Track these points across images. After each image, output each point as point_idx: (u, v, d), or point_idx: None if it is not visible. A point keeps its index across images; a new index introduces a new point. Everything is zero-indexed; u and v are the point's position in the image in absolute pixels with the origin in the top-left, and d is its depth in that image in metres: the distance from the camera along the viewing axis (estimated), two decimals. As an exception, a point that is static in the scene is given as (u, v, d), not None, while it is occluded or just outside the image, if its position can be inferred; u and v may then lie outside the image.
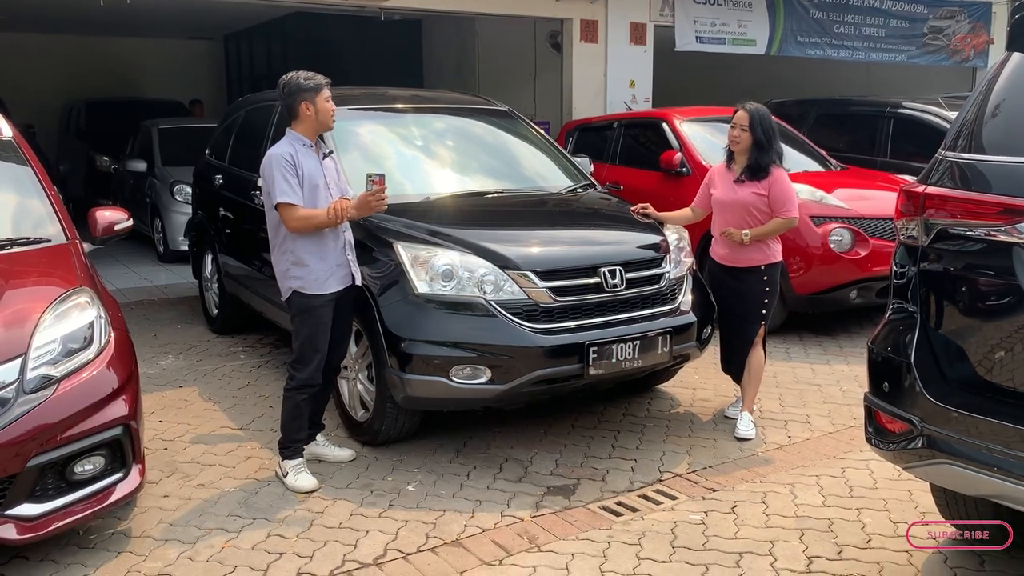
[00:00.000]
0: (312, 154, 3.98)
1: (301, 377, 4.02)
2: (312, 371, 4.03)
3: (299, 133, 3.98)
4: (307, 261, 3.95)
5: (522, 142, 5.99)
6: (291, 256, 3.97)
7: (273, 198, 3.88)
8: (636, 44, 10.57)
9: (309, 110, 3.94)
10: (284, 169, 3.85)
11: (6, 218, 4.14)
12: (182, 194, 9.51)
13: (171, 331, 6.90)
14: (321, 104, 3.95)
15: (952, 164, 2.91)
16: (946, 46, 12.64)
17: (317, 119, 3.96)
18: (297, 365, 4.03)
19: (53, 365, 3.27)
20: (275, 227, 4.02)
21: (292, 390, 4.05)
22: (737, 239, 4.51)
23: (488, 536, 3.58)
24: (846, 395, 5.30)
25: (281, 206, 3.86)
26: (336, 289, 4.03)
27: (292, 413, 4.06)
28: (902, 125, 8.61)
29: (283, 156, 3.88)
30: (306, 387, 4.04)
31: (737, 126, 4.56)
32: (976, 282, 2.80)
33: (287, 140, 3.98)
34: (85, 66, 15.94)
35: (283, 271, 4.03)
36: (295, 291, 3.99)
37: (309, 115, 3.94)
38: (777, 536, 3.57)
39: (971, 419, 2.68)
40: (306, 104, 3.93)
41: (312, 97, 3.93)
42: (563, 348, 4.11)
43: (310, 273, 3.96)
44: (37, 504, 3.20)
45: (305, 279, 3.96)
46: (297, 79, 3.96)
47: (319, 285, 3.97)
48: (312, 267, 3.95)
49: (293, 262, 3.97)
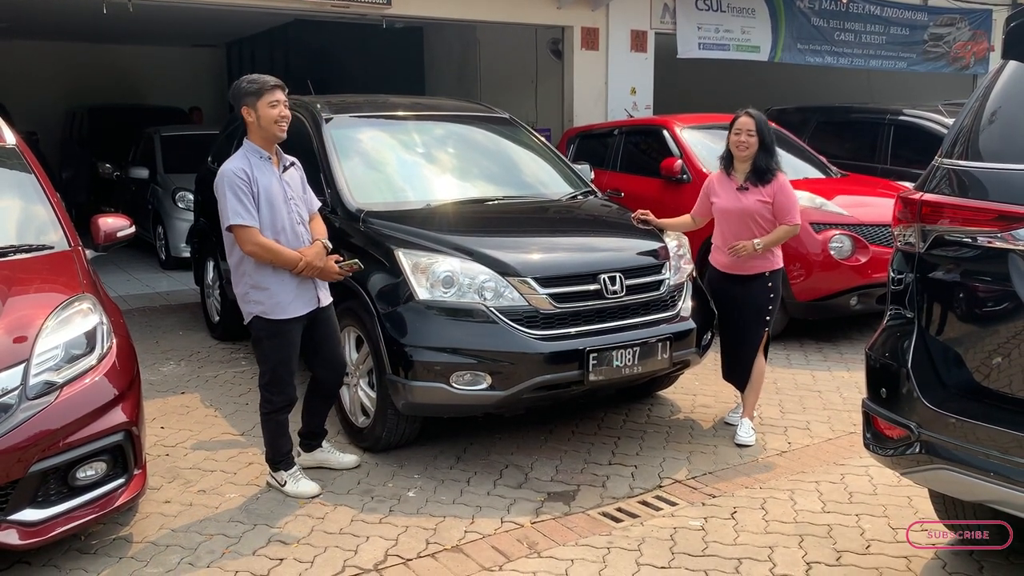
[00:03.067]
0: (270, 167, 3.75)
1: (278, 400, 3.89)
2: (289, 392, 3.91)
3: (253, 143, 3.74)
4: (266, 284, 3.74)
5: (523, 149, 6.01)
6: (249, 280, 3.77)
7: (225, 219, 3.65)
8: (637, 51, 10.60)
9: (251, 116, 3.69)
10: (237, 188, 3.62)
11: (9, 225, 4.16)
12: (184, 201, 9.54)
13: (173, 337, 6.92)
14: (263, 110, 3.67)
15: (949, 171, 2.93)
16: (946, 53, 12.67)
17: (259, 126, 3.70)
18: (272, 389, 3.88)
19: (55, 371, 3.29)
20: (230, 247, 3.80)
21: (272, 413, 3.92)
22: (749, 250, 4.48)
23: (488, 542, 3.59)
24: (846, 401, 5.31)
25: (235, 228, 3.64)
26: (301, 312, 3.83)
27: (275, 432, 3.96)
28: (902, 132, 8.63)
29: (236, 173, 3.64)
30: (285, 408, 3.94)
31: (744, 131, 4.53)
32: (973, 288, 2.81)
33: (242, 153, 3.74)
34: (88, 73, 16.01)
35: (242, 294, 3.84)
36: (257, 316, 3.81)
37: (251, 122, 3.70)
38: (776, 542, 3.57)
39: (968, 425, 2.69)
40: (247, 110, 3.69)
41: (253, 102, 3.68)
42: (563, 354, 4.12)
43: (271, 297, 3.76)
44: (39, 510, 3.21)
45: (266, 304, 3.77)
46: (239, 83, 3.74)
47: (282, 309, 3.77)
48: (273, 290, 3.75)
49: (252, 285, 3.77)
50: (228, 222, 3.67)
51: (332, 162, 5.02)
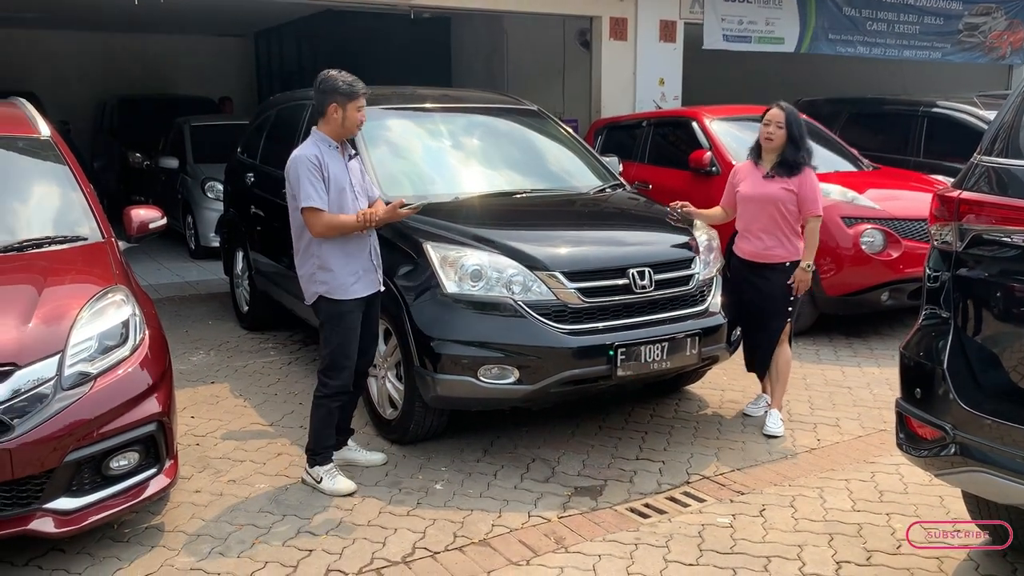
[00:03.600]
0: (338, 156, 3.93)
1: (335, 384, 3.98)
2: (346, 377, 4.00)
3: (324, 134, 3.92)
4: (332, 266, 3.90)
5: (551, 141, 5.99)
6: (316, 260, 3.92)
7: (298, 202, 3.82)
8: (666, 42, 10.51)
9: (337, 114, 3.87)
10: (310, 172, 3.79)
11: (45, 216, 4.22)
12: (213, 191, 9.61)
13: (202, 327, 6.99)
14: (351, 112, 3.87)
15: (988, 169, 2.88)
16: (982, 43, 12.44)
17: (343, 125, 3.89)
18: (330, 373, 3.98)
19: (90, 362, 3.33)
20: (299, 230, 3.96)
21: (325, 398, 4.00)
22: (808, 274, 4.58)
23: (515, 536, 3.60)
24: (876, 398, 5.25)
25: (306, 211, 3.80)
26: (364, 294, 3.98)
27: (325, 420, 4.02)
28: (936, 125, 8.50)
29: (309, 159, 3.82)
30: (340, 394, 4.01)
31: (772, 123, 4.58)
32: (1012, 289, 2.77)
33: (312, 141, 3.92)
34: (118, 63, 16.14)
35: (308, 275, 3.97)
36: (321, 296, 3.94)
37: (336, 119, 3.88)
38: (806, 540, 3.55)
39: (1005, 427, 2.65)
40: (335, 107, 3.86)
41: (344, 102, 3.85)
42: (591, 349, 4.11)
43: (335, 278, 3.91)
44: (74, 498, 3.26)
45: (331, 284, 3.91)
46: (335, 79, 3.88)
47: (345, 290, 3.92)
48: (337, 272, 3.90)
49: (319, 266, 3.91)
50: (301, 204, 3.81)
51: (362, 154, 5.02)
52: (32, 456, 3.12)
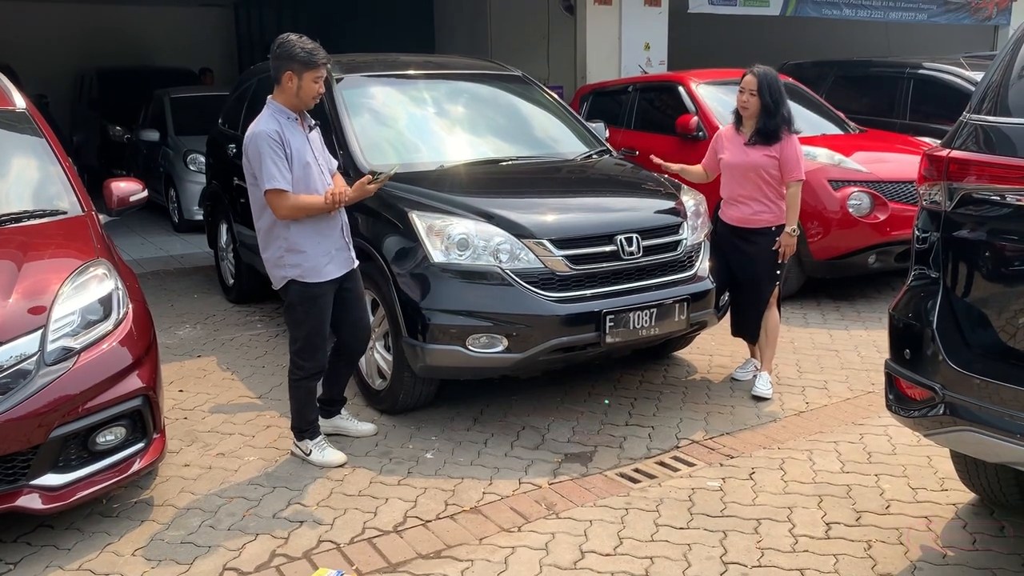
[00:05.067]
0: (298, 128, 3.71)
1: (310, 367, 3.86)
2: (321, 358, 3.88)
3: (280, 104, 3.69)
4: (303, 247, 3.70)
5: (536, 108, 5.93)
6: (283, 243, 3.71)
7: (261, 183, 3.60)
8: (651, 6, 10.40)
9: (292, 83, 3.63)
10: (272, 150, 3.56)
11: (22, 190, 4.14)
12: (195, 163, 9.50)
13: (188, 301, 6.94)
14: (307, 82, 3.64)
15: (977, 127, 2.86)
16: (967, 4, 12.37)
17: (297, 95, 3.66)
18: (304, 355, 3.84)
19: (73, 337, 3.29)
20: (260, 210, 3.74)
21: (302, 379, 3.89)
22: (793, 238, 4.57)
23: (506, 503, 3.60)
24: (864, 360, 5.27)
25: (270, 193, 3.59)
26: (336, 275, 3.81)
27: (304, 400, 3.94)
28: (922, 86, 8.47)
29: (269, 135, 3.58)
30: (316, 375, 3.92)
31: (746, 91, 4.55)
32: (1001, 248, 2.76)
33: (270, 114, 3.67)
34: (96, 35, 15.89)
35: (275, 258, 3.77)
36: (292, 280, 3.75)
37: (291, 88, 3.64)
38: (795, 503, 3.57)
39: (994, 386, 2.66)
40: (290, 75, 3.62)
41: (300, 71, 3.61)
42: (580, 316, 4.10)
43: (307, 260, 3.71)
44: (61, 474, 3.24)
45: (303, 266, 3.72)
46: (293, 45, 3.62)
47: (318, 272, 3.74)
48: (309, 253, 3.71)
49: (287, 249, 3.71)
50: (265, 186, 3.60)
51: (344, 123, 4.97)
52: (17, 432, 3.09)
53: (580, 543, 3.29)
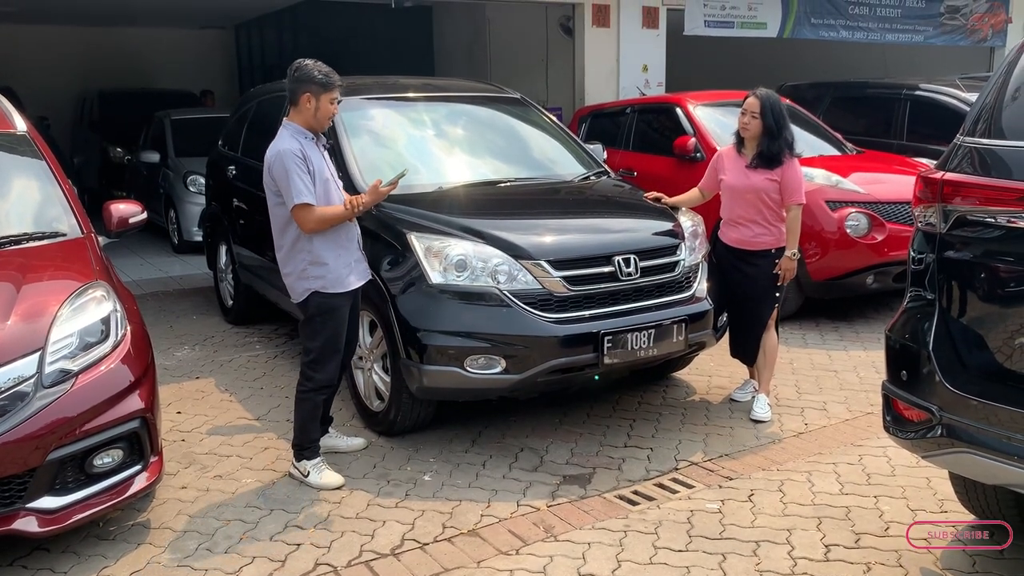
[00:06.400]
0: (315, 147, 3.87)
1: (320, 379, 3.94)
2: (332, 371, 3.97)
3: (298, 124, 3.84)
4: (326, 259, 3.84)
5: (534, 129, 5.96)
6: (307, 256, 3.85)
7: (290, 199, 3.74)
8: (649, 28, 10.49)
9: (310, 104, 3.79)
10: (297, 167, 3.72)
11: (22, 212, 4.16)
12: (195, 185, 9.53)
13: (187, 322, 6.94)
14: (324, 103, 3.80)
15: (971, 150, 2.88)
16: (963, 26, 12.48)
17: (315, 116, 3.82)
18: (316, 366, 3.94)
19: (71, 359, 3.29)
20: (283, 227, 3.88)
21: (310, 391, 3.95)
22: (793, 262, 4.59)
23: (505, 526, 3.59)
24: (863, 381, 5.27)
25: (298, 207, 3.73)
26: (357, 285, 3.97)
27: (310, 415, 3.98)
28: (919, 107, 8.51)
29: (294, 152, 3.74)
30: (325, 387, 3.99)
31: (748, 113, 4.56)
32: (996, 269, 2.77)
33: (290, 134, 3.82)
34: (97, 57, 15.98)
35: (298, 271, 3.89)
36: (315, 292, 3.87)
37: (309, 109, 3.80)
38: (794, 524, 3.56)
39: (991, 407, 2.66)
40: (309, 96, 3.78)
41: (319, 93, 3.78)
42: (578, 337, 4.10)
43: (331, 271, 3.86)
44: (57, 497, 3.23)
45: (327, 278, 3.85)
46: (310, 69, 3.81)
47: (341, 282, 3.89)
48: (331, 265, 3.85)
49: (311, 262, 3.84)
50: (294, 201, 3.72)
51: (343, 145, 4.99)
52: (14, 455, 3.08)
53: (579, 566, 3.28)
